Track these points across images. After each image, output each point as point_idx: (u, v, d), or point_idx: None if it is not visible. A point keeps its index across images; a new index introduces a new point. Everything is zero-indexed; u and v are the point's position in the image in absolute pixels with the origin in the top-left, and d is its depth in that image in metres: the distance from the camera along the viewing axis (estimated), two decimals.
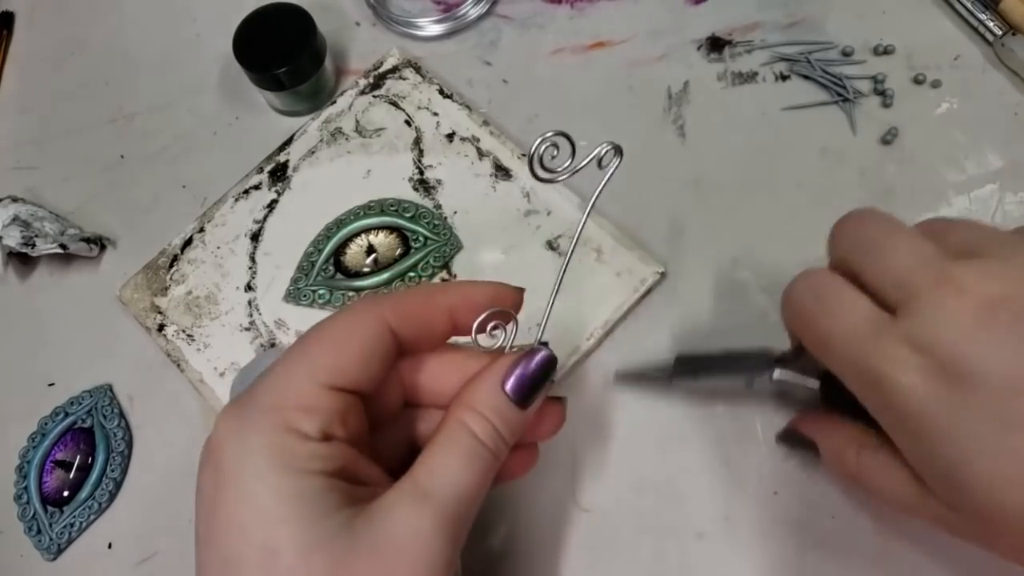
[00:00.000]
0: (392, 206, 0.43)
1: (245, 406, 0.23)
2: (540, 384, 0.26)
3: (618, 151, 0.26)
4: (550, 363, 0.26)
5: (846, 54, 0.44)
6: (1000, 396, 0.22)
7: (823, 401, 0.32)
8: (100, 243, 0.45)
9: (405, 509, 0.23)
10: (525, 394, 0.26)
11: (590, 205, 0.27)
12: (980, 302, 0.23)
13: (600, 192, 0.26)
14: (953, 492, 0.24)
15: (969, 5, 0.43)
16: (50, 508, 0.40)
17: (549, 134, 0.25)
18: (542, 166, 0.25)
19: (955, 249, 0.24)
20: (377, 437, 0.27)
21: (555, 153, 0.25)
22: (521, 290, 0.28)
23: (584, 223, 0.27)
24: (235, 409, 0.23)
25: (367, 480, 0.24)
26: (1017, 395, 0.22)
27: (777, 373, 0.32)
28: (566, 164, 0.26)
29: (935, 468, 0.24)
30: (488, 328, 0.26)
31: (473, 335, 0.26)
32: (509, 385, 0.25)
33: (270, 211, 0.44)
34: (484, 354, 0.27)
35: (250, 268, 0.43)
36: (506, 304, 0.27)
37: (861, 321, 0.25)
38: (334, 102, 0.46)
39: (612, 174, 0.26)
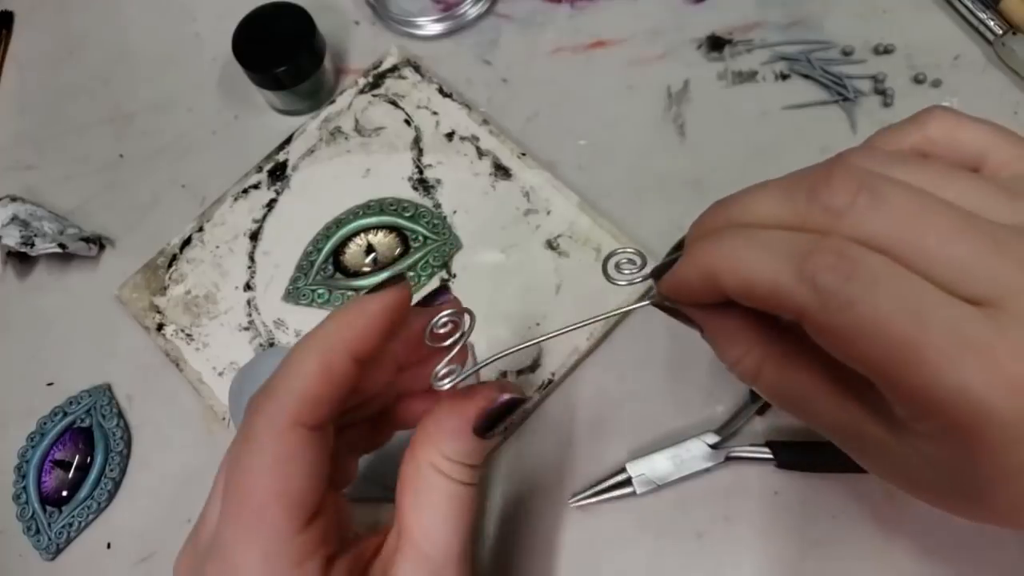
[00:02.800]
0: (391, 205, 0.43)
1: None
2: (505, 416, 0.26)
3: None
4: (517, 401, 0.26)
5: (846, 53, 0.44)
6: None
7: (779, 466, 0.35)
8: (99, 242, 0.45)
9: None
10: (492, 427, 0.26)
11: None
12: None
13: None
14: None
15: (969, 4, 0.43)
16: (49, 508, 0.40)
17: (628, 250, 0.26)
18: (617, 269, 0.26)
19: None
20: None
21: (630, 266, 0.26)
22: (400, 283, 0.26)
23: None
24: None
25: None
26: None
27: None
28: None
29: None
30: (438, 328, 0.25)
31: (427, 339, 0.25)
32: (480, 427, 0.25)
33: (269, 210, 0.44)
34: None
35: (249, 267, 0.43)
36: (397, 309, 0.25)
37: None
38: (333, 101, 0.46)
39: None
